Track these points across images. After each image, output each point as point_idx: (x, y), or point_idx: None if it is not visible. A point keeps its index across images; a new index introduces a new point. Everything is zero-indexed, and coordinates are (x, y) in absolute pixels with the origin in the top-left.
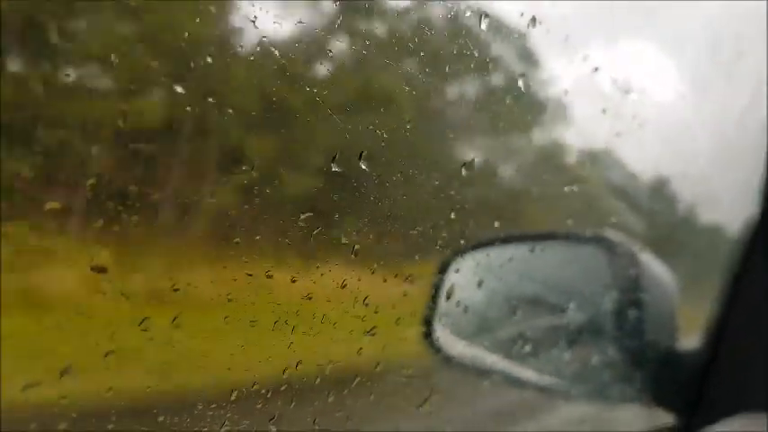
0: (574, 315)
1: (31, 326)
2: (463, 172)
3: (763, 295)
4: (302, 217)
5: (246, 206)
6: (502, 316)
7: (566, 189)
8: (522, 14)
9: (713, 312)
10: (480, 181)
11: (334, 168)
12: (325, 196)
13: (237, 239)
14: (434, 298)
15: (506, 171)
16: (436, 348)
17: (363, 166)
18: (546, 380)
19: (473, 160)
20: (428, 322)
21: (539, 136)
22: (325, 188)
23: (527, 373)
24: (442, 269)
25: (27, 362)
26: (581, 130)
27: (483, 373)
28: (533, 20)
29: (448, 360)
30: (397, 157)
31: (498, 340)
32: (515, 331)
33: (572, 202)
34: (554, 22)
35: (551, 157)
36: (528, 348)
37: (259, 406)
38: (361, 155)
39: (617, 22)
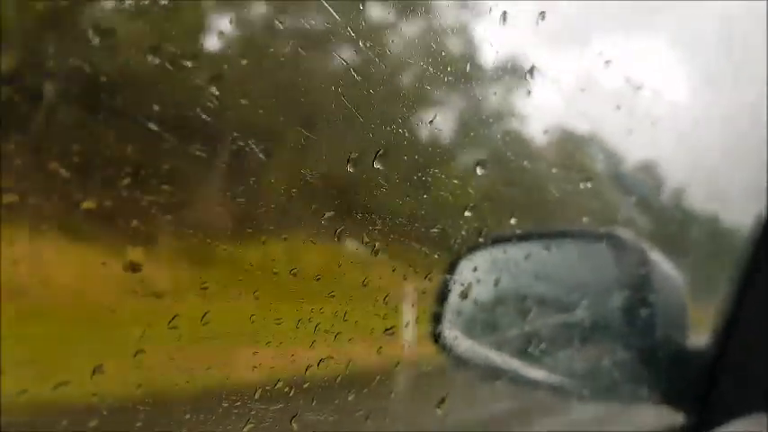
0: (584, 313)
1: (64, 325)
2: (478, 171)
3: None
4: (325, 216)
5: (273, 206)
6: (512, 315)
7: (581, 186)
8: (540, 15)
9: (723, 310)
10: (496, 179)
11: (350, 169)
12: (347, 195)
13: (264, 239)
14: (442, 297)
15: (520, 168)
16: (446, 348)
17: (378, 166)
18: (556, 379)
19: (486, 159)
20: (437, 321)
21: (550, 131)
22: (348, 187)
23: (538, 373)
24: (450, 269)
25: (59, 360)
26: (594, 126)
27: (494, 373)
28: (542, 14)
29: (458, 360)
30: (418, 156)
31: (509, 339)
32: (526, 330)
33: (585, 198)
34: (568, 19)
35: (563, 152)
36: (539, 347)
37: (281, 405)
38: (376, 155)
39: (631, 19)
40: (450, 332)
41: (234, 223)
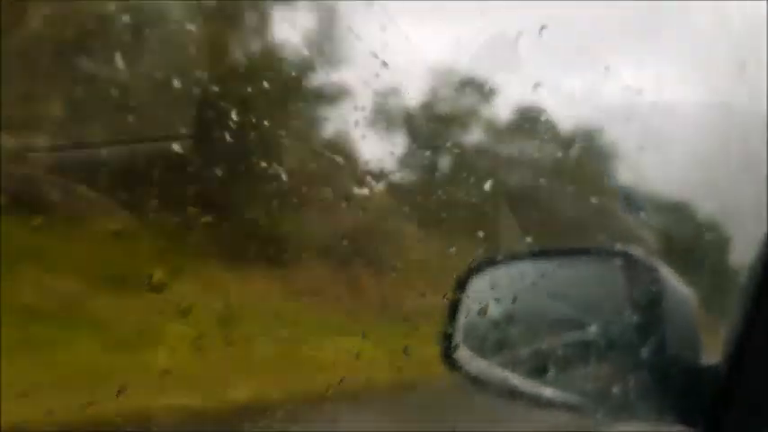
0: (596, 331)
1: (92, 345)
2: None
3: None
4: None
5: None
6: (524, 334)
7: (593, 200)
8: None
9: (735, 327)
10: (510, 197)
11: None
12: (362, 216)
13: (286, 255)
14: (452, 316)
15: (531, 186)
16: (457, 368)
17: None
18: (570, 398)
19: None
20: (448, 340)
21: (564, 148)
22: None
23: (551, 392)
24: (460, 286)
25: (87, 380)
26: (606, 144)
27: (507, 393)
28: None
29: (471, 380)
30: (435, 177)
31: (522, 359)
32: (539, 349)
33: (596, 214)
34: (578, 37)
35: (577, 170)
36: (553, 366)
37: (303, 424)
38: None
39: (643, 38)
40: (463, 351)
41: (261, 248)
